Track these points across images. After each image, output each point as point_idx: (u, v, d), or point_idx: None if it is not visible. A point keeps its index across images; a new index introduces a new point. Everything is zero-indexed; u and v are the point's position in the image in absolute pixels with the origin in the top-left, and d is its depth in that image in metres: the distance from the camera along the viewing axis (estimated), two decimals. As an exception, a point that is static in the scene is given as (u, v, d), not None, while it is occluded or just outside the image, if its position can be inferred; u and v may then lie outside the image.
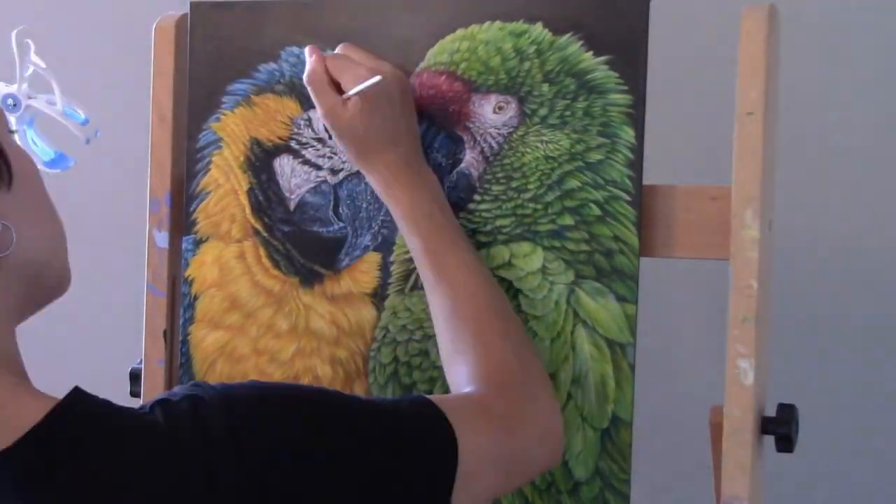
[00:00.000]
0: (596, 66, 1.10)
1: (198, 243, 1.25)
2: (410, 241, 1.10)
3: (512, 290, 1.12)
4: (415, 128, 1.13)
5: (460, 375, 1.01)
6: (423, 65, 1.16)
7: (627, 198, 1.08)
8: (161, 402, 0.86)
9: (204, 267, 1.24)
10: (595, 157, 1.09)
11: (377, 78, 1.07)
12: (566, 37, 1.11)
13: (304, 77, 1.11)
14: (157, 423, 0.84)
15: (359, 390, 1.18)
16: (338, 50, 1.13)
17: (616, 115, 1.09)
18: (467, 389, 0.99)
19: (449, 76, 1.14)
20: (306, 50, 1.13)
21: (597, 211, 1.09)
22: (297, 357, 1.21)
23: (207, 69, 1.24)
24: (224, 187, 1.24)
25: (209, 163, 1.25)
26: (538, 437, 1.00)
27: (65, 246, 0.95)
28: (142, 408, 0.87)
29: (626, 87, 1.09)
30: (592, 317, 1.09)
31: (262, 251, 1.22)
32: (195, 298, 1.25)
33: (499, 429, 0.96)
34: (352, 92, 1.08)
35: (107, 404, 0.86)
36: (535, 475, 1.07)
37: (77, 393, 0.85)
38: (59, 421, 0.83)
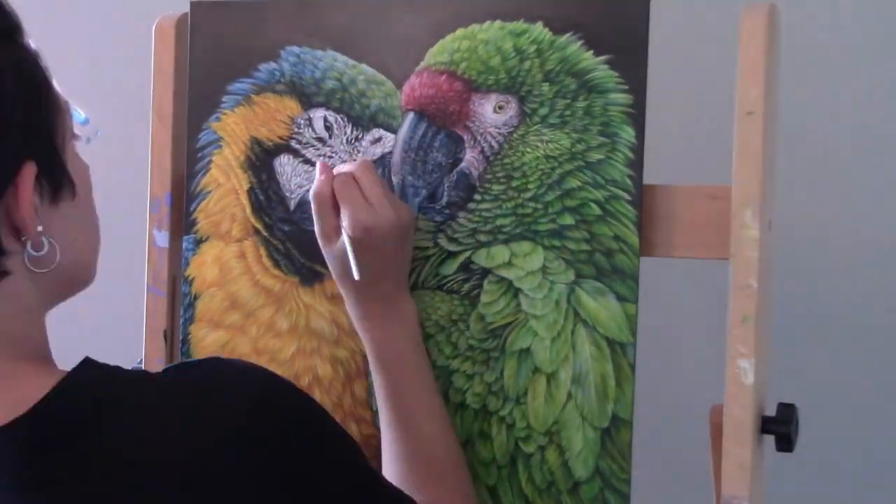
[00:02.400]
0: (596, 65, 1.10)
1: (198, 243, 1.25)
2: (375, 377, 1.11)
3: (512, 290, 1.12)
4: (405, 265, 1.13)
5: None
6: (423, 64, 1.16)
7: (628, 197, 1.08)
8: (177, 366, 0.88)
9: (204, 266, 1.24)
10: (595, 156, 1.10)
11: (354, 267, 1.07)
12: (566, 36, 1.11)
13: (311, 193, 1.11)
14: (168, 385, 0.85)
15: (359, 389, 1.18)
16: (355, 168, 1.11)
17: (616, 115, 1.09)
18: None
19: (449, 76, 1.14)
20: (318, 166, 1.13)
21: (597, 210, 1.09)
22: (297, 356, 1.21)
23: (207, 69, 1.24)
24: (224, 187, 1.24)
25: (209, 162, 1.25)
26: None
27: (98, 249, 0.97)
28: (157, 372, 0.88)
29: (626, 87, 1.09)
30: (593, 316, 1.09)
31: (262, 251, 1.22)
32: (195, 298, 1.25)
33: None
34: (345, 242, 1.08)
35: (113, 372, 0.86)
36: None
37: (83, 365, 0.86)
38: (60, 394, 0.83)
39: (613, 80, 1.09)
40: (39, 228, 0.87)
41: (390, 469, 1.07)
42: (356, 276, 1.07)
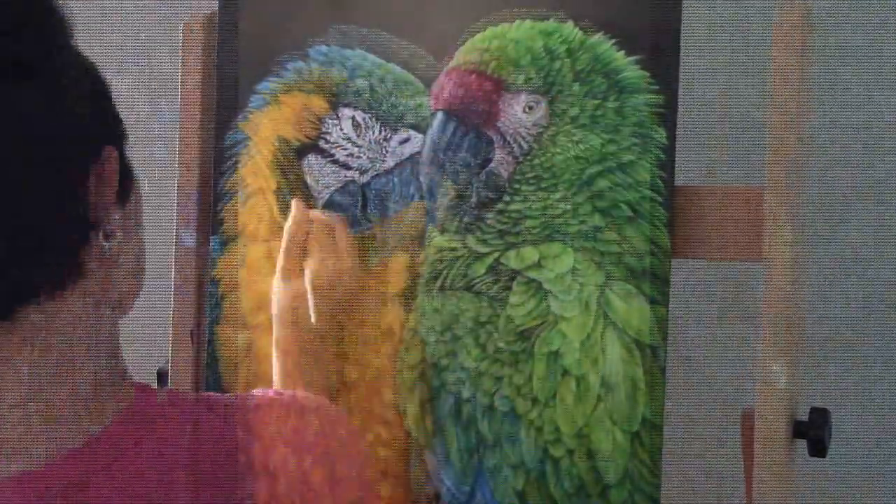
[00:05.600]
0: (627, 65, 1.09)
1: (225, 243, 1.25)
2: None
3: (541, 292, 1.11)
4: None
5: None
6: (452, 63, 1.15)
7: (659, 199, 1.07)
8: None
9: (231, 267, 1.24)
10: (626, 157, 1.08)
11: (313, 312, 1.14)
12: (597, 36, 1.10)
13: (286, 225, 1.17)
14: None
15: (387, 392, 1.17)
16: (332, 223, 1.17)
17: (647, 116, 1.08)
18: None
19: (479, 75, 1.14)
20: (293, 203, 1.18)
21: (628, 212, 1.08)
22: (324, 358, 1.20)
23: (235, 68, 1.24)
24: (251, 187, 1.24)
25: (236, 162, 1.24)
26: None
27: (143, 280, 0.95)
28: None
29: (657, 87, 1.08)
30: (623, 319, 1.08)
31: (289, 251, 1.22)
32: (222, 298, 1.24)
33: None
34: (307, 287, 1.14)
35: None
36: None
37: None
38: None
39: (645, 80, 1.08)
40: (117, 217, 0.84)
41: None
42: (313, 320, 1.14)
